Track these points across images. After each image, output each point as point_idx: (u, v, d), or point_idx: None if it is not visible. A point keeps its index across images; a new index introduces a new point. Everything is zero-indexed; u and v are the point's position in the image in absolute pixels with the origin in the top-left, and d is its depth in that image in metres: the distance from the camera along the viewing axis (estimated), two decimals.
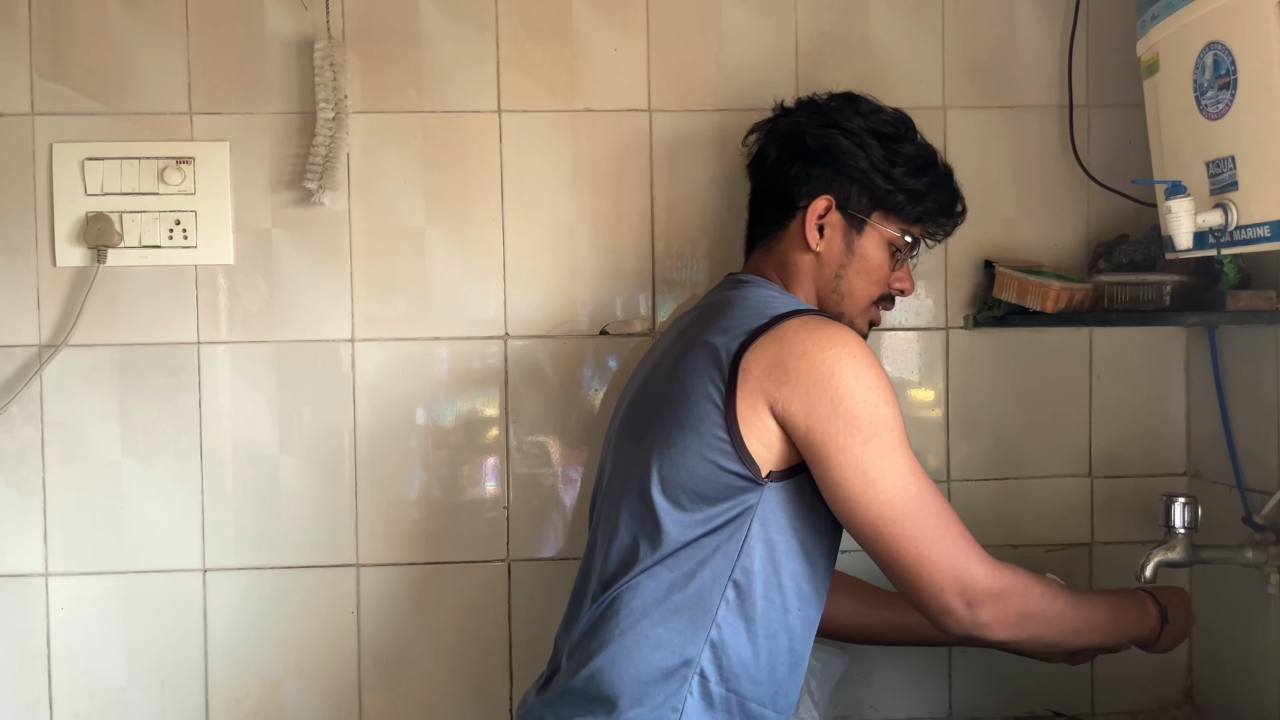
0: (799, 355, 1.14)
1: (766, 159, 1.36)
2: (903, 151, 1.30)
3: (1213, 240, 1.23)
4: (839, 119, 1.31)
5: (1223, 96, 1.18)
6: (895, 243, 1.31)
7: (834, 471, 1.14)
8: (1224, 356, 1.54)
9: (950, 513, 1.16)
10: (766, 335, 1.16)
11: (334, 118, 1.50)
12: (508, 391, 1.57)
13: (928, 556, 1.14)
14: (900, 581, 1.16)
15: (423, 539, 1.57)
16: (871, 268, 1.31)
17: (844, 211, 1.29)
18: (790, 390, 1.13)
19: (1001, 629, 1.17)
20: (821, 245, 1.29)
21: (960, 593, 1.14)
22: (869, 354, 1.17)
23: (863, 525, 1.15)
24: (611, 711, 1.14)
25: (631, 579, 1.17)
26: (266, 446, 1.55)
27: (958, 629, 1.16)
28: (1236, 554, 1.39)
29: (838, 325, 1.19)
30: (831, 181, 1.29)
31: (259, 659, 1.55)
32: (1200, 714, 1.62)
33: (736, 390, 1.15)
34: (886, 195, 1.29)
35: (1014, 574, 1.19)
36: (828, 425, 1.13)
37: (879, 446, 1.13)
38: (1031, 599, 1.19)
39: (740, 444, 1.14)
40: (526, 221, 1.57)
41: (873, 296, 1.32)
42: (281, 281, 1.54)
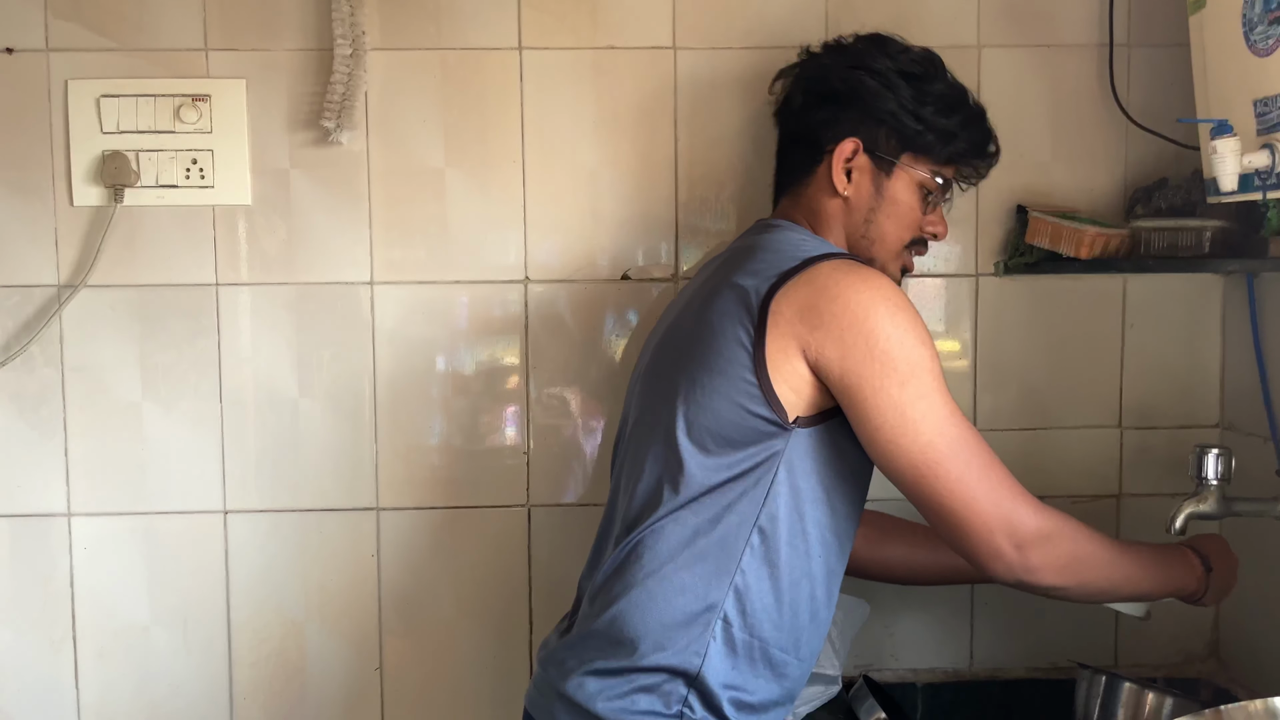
0: (832, 298, 1.12)
1: (793, 104, 1.33)
2: (932, 90, 1.27)
3: (1258, 183, 1.18)
4: (866, 60, 1.27)
5: (1274, 31, 1.13)
6: (926, 184, 1.27)
7: (872, 415, 1.11)
8: (1262, 306, 1.49)
9: (992, 455, 1.14)
10: (798, 278, 1.14)
11: (351, 54, 1.47)
12: (528, 337, 1.55)
13: (974, 499, 1.11)
14: (945, 526, 1.14)
15: (443, 484, 1.57)
16: (902, 211, 1.27)
17: (872, 154, 1.26)
18: (824, 334, 1.11)
19: (1051, 573, 1.14)
20: (849, 189, 1.26)
21: (1009, 535, 1.12)
22: (903, 297, 1.14)
23: (904, 469, 1.12)
24: (633, 654, 1.13)
25: (655, 522, 1.16)
26: (286, 390, 1.54)
27: (1007, 574, 1.14)
28: (1270, 507, 1.36)
29: (870, 269, 1.16)
30: (859, 124, 1.26)
31: (280, 601, 1.56)
32: (1225, 668, 1.61)
33: (766, 333, 1.12)
34: (916, 136, 1.25)
35: (1062, 517, 1.17)
36: (864, 368, 1.11)
37: (917, 388, 1.11)
38: (1081, 542, 1.17)
39: (769, 388, 1.12)
40: (547, 164, 1.54)
41: (904, 240, 1.29)
42: (300, 223, 1.52)
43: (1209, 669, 1.62)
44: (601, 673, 1.15)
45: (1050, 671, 1.60)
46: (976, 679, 1.61)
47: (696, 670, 1.13)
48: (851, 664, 1.59)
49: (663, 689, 1.13)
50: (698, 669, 1.13)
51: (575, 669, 1.17)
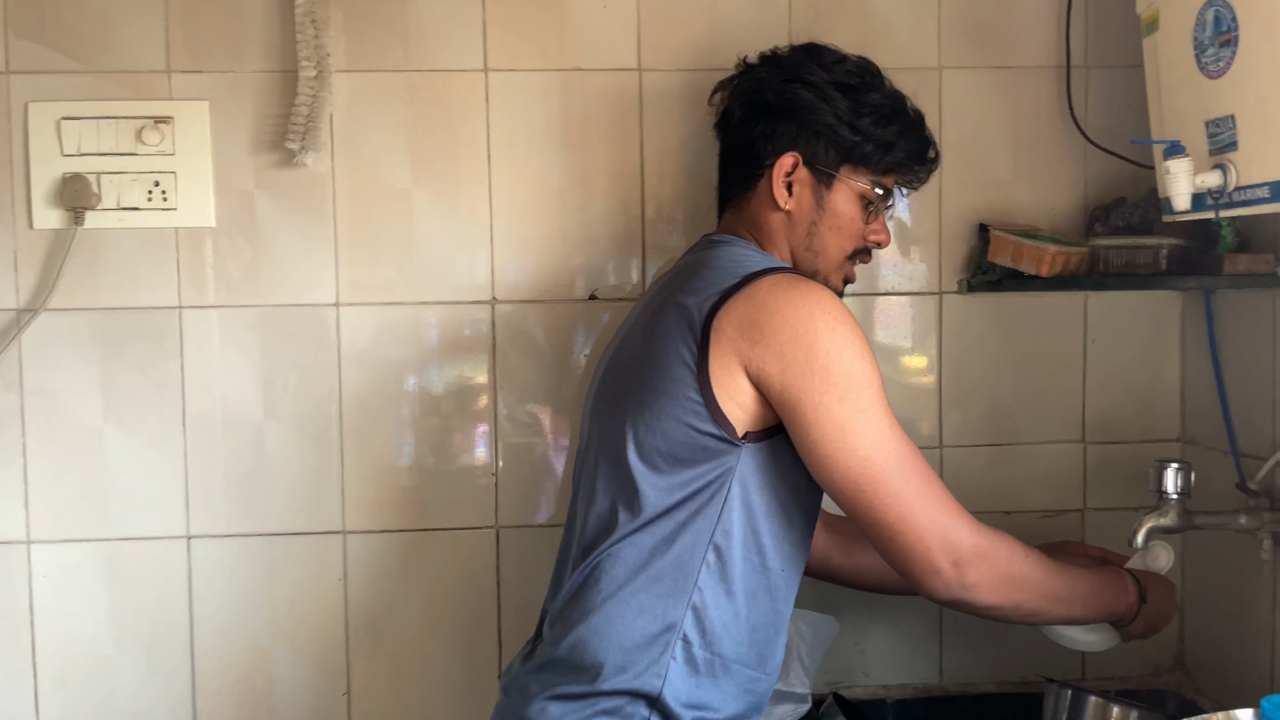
0: (772, 313, 1.12)
1: (732, 118, 1.33)
2: (868, 101, 1.26)
3: (1211, 202, 1.20)
4: (801, 72, 1.27)
5: (1223, 54, 1.16)
6: (866, 195, 1.27)
7: (811, 429, 1.11)
8: (1220, 321, 1.52)
9: (931, 471, 1.14)
10: (739, 294, 1.14)
11: (316, 76, 1.47)
12: (495, 357, 1.55)
13: (912, 514, 1.11)
14: (883, 542, 1.14)
15: (411, 506, 1.56)
16: (843, 222, 1.27)
17: (811, 167, 1.26)
18: (764, 349, 1.11)
19: (988, 591, 1.14)
20: (791, 203, 1.26)
21: (946, 551, 1.12)
22: (844, 310, 1.14)
23: (842, 483, 1.12)
24: (595, 679, 1.13)
25: (611, 546, 1.16)
26: (251, 413, 1.53)
27: (945, 591, 1.13)
28: (1229, 519, 1.38)
29: (811, 283, 1.16)
30: (797, 137, 1.26)
31: (246, 626, 1.54)
32: (1191, 679, 1.62)
33: (709, 351, 1.12)
34: (854, 147, 1.25)
35: (999, 536, 1.17)
36: (803, 382, 1.10)
37: (856, 402, 1.11)
38: (1017, 561, 1.17)
39: (714, 405, 1.12)
40: (514, 184, 1.54)
41: (847, 251, 1.29)
42: (264, 244, 1.51)
43: (1175, 680, 1.63)
44: (564, 697, 1.14)
45: (1019, 686, 1.61)
46: (946, 694, 1.62)
47: (658, 692, 1.13)
48: (822, 681, 1.59)
49: (624, 711, 1.13)
50: (659, 690, 1.13)
51: (538, 694, 1.16)
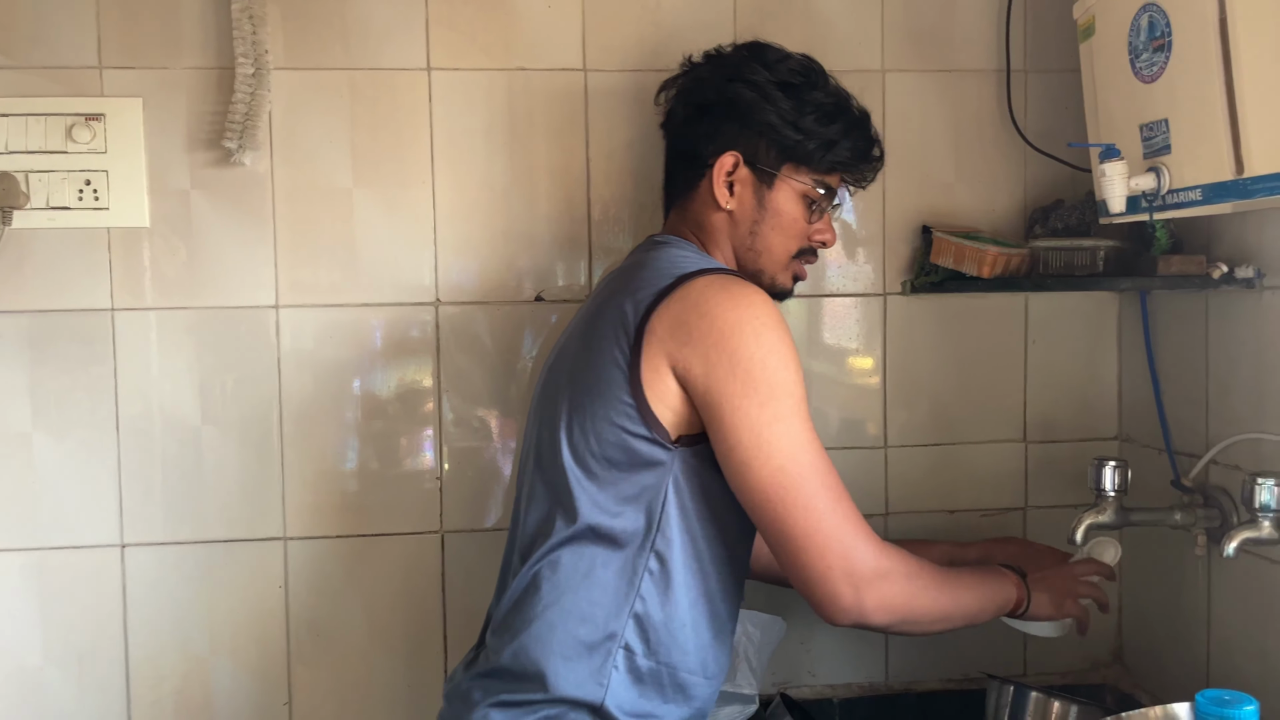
0: (701, 315, 1.11)
1: (675, 117, 1.32)
2: (811, 100, 1.26)
3: (1145, 204, 1.23)
4: (743, 71, 1.26)
5: (1157, 59, 1.18)
6: (809, 194, 1.27)
7: (729, 434, 1.10)
8: (1155, 321, 1.55)
9: (842, 488, 1.12)
10: (672, 295, 1.13)
11: (254, 74, 1.44)
12: (440, 360, 1.53)
13: (817, 530, 1.09)
14: (785, 555, 1.11)
15: (353, 511, 1.53)
16: (786, 222, 1.27)
17: (753, 166, 1.25)
18: (691, 350, 1.10)
19: (884, 613, 1.12)
20: (732, 203, 1.25)
21: (847, 574, 1.09)
22: (774, 315, 1.13)
23: (753, 491, 1.10)
24: (538, 687, 1.12)
25: (550, 552, 1.15)
26: (188, 417, 1.49)
27: (843, 617, 1.11)
28: (1165, 516, 1.41)
29: (744, 284, 1.15)
30: (739, 136, 1.25)
31: (182, 636, 1.51)
32: (1129, 673, 1.65)
33: (641, 352, 1.11)
34: (796, 146, 1.24)
35: (899, 555, 1.15)
36: (725, 386, 1.09)
37: (775, 410, 1.09)
38: (914, 579, 1.15)
39: (646, 408, 1.11)
40: (458, 184, 1.52)
41: (791, 251, 1.29)
42: (201, 245, 1.48)
43: (1113, 675, 1.66)
44: (506, 705, 1.13)
45: (962, 683, 1.63)
46: (892, 692, 1.63)
47: (600, 700, 1.12)
48: (769, 682, 1.60)
49: (567, 718, 1.12)
50: (601, 699, 1.12)
51: (480, 701, 1.15)
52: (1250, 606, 1.37)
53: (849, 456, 1.61)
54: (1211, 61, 1.08)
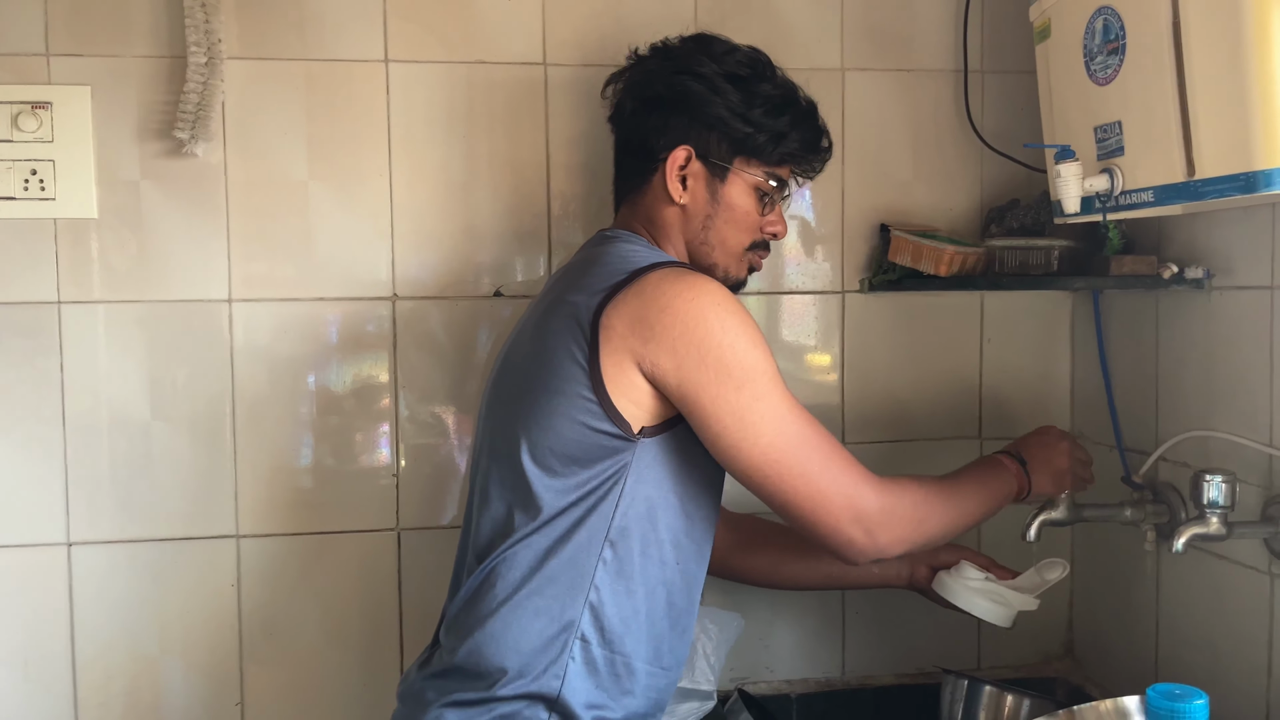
0: (662, 309, 1.11)
1: (624, 111, 1.31)
2: (760, 92, 1.26)
3: (1099, 205, 1.24)
4: (691, 64, 1.26)
5: (1111, 62, 1.19)
6: (761, 187, 1.27)
7: (712, 422, 1.12)
8: (1107, 320, 1.57)
9: (832, 443, 1.16)
10: (627, 291, 1.13)
11: (207, 63, 1.41)
12: (397, 355, 1.52)
13: (819, 491, 1.14)
14: (797, 521, 1.16)
15: (308, 509, 1.51)
16: (739, 215, 1.27)
17: (705, 160, 1.25)
18: (656, 346, 1.11)
19: (900, 544, 1.19)
20: (685, 197, 1.25)
21: (857, 521, 1.15)
22: (732, 300, 1.14)
23: (750, 471, 1.13)
24: (494, 685, 1.11)
25: (507, 550, 1.14)
26: (137, 412, 1.46)
27: (862, 557, 1.17)
28: (1116, 512, 1.43)
29: (698, 275, 1.15)
30: (689, 130, 1.24)
31: (132, 636, 1.48)
32: (1080, 666, 1.68)
33: (600, 349, 1.11)
34: (746, 139, 1.24)
35: (899, 486, 1.20)
36: (699, 376, 1.10)
37: (754, 390, 1.12)
38: (920, 504, 1.21)
39: (608, 403, 1.11)
40: (416, 178, 1.51)
41: (745, 244, 1.29)
42: (152, 237, 1.45)
43: (1065, 668, 1.69)
44: (461, 704, 1.12)
45: (917, 677, 1.64)
46: (848, 687, 1.64)
47: (556, 693, 1.12)
48: (727, 678, 1.60)
49: (523, 714, 1.11)
50: (558, 692, 1.12)
51: (434, 701, 1.14)
52: (1198, 601, 1.39)
53: None
54: (1164, 65, 1.10)
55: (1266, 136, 1.00)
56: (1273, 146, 0.99)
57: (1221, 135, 1.05)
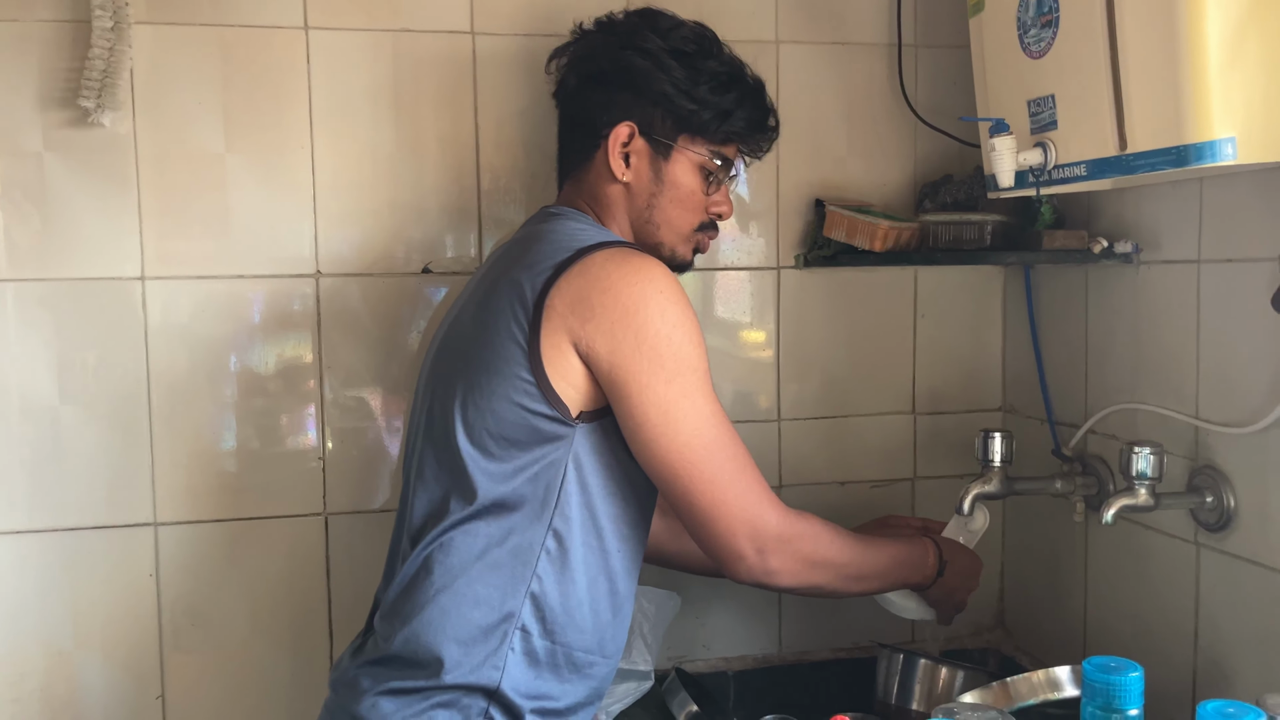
0: (604, 290, 1.09)
1: (568, 86, 1.28)
2: (705, 68, 1.23)
3: (1033, 179, 1.25)
4: (635, 39, 1.23)
5: (1045, 35, 1.19)
6: (706, 166, 1.24)
7: (635, 411, 1.10)
8: (1038, 295, 1.59)
9: (747, 458, 1.14)
10: (572, 269, 1.10)
11: (113, 27, 1.33)
12: (321, 334, 1.46)
13: (724, 500, 1.11)
14: (694, 525, 1.14)
15: (231, 494, 1.46)
16: (684, 194, 1.24)
17: (649, 137, 1.22)
18: (594, 327, 1.08)
19: (788, 576, 1.16)
20: (629, 175, 1.23)
21: (752, 538, 1.13)
22: (677, 289, 1.12)
23: (661, 466, 1.11)
24: (431, 674, 1.08)
25: (442, 534, 1.11)
26: (44, 397, 1.39)
27: (748, 576, 1.14)
28: (1047, 484, 1.45)
29: (645, 258, 1.13)
30: (633, 106, 1.22)
31: (45, 630, 1.41)
32: (1011, 637, 1.70)
33: (541, 328, 1.09)
34: (691, 116, 1.22)
35: (805, 521, 1.18)
36: (631, 363, 1.08)
37: (682, 386, 1.10)
38: (821, 546, 1.18)
39: (546, 384, 1.09)
40: (340, 150, 1.45)
41: (691, 224, 1.26)
42: (57, 212, 1.38)
43: (996, 639, 1.71)
44: (397, 693, 1.09)
45: (853, 652, 1.65)
46: (785, 663, 1.64)
47: (496, 684, 1.09)
48: (664, 657, 1.59)
49: (461, 703, 1.09)
50: (497, 683, 1.09)
51: (369, 690, 1.11)
52: (1127, 571, 1.42)
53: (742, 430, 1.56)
54: (1098, 38, 1.10)
55: (1198, 110, 1.00)
56: (1204, 120, 1.00)
57: (1153, 109, 1.05)
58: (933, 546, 1.33)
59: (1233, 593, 1.23)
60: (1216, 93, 1.00)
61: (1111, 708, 0.98)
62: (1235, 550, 1.22)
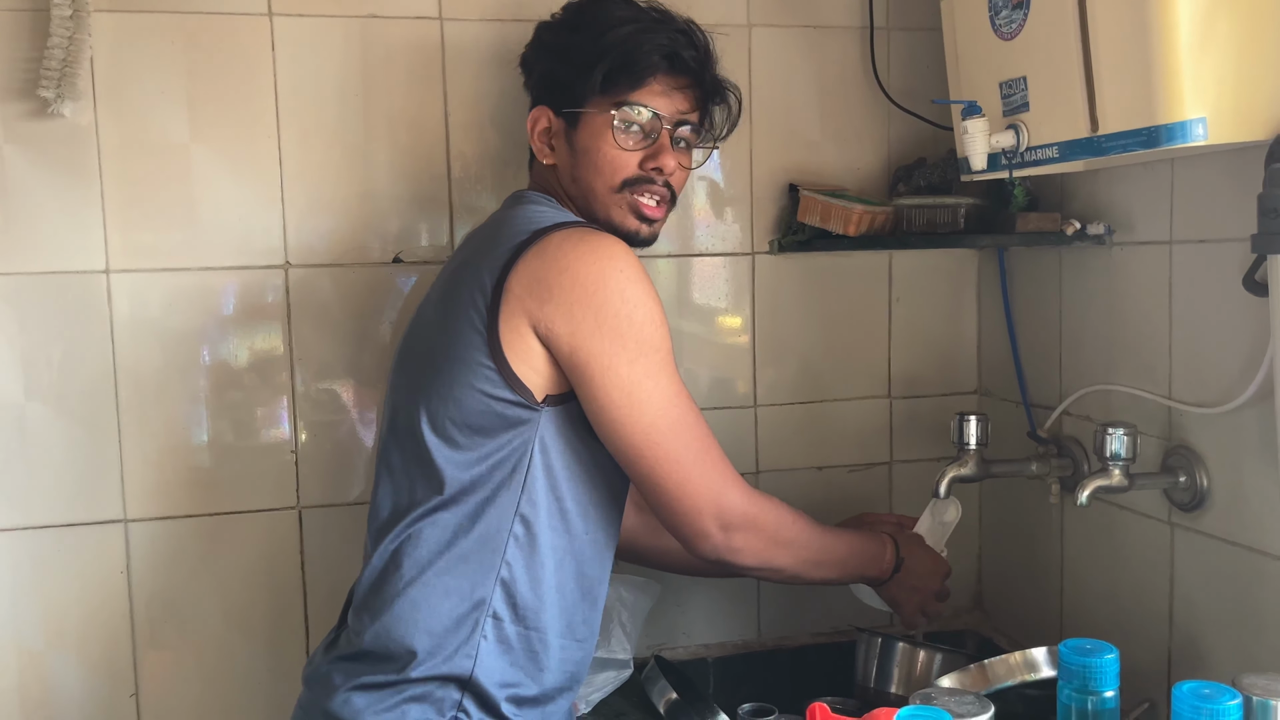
0: (561, 270, 1.07)
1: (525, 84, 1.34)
2: (586, 22, 1.21)
3: (1005, 162, 1.24)
4: (541, 32, 1.27)
5: (1016, 16, 1.19)
6: (615, 119, 1.19)
7: (598, 393, 1.09)
8: (1012, 278, 1.59)
9: (711, 438, 1.15)
10: (529, 252, 1.09)
11: (72, 15, 1.30)
12: (291, 326, 1.45)
13: (688, 479, 1.12)
14: (659, 504, 1.14)
15: (202, 488, 1.44)
16: (595, 156, 1.20)
17: (562, 115, 1.23)
18: (553, 308, 1.07)
19: (750, 555, 1.17)
20: (551, 157, 1.25)
21: (716, 516, 1.13)
22: (636, 267, 1.10)
23: (626, 446, 1.11)
24: (404, 667, 1.08)
25: (410, 526, 1.11)
26: (9, 393, 1.37)
27: (712, 553, 1.15)
28: (1022, 467, 1.45)
29: (603, 236, 1.12)
30: (542, 92, 1.26)
31: (14, 630, 1.39)
32: (989, 618, 1.71)
33: (500, 313, 1.08)
34: (586, 77, 1.18)
35: (768, 502, 1.19)
36: (592, 344, 1.07)
37: (646, 366, 1.09)
38: (783, 528, 1.20)
39: (508, 370, 1.08)
40: (307, 139, 1.43)
41: (613, 185, 1.20)
42: (17, 205, 1.35)
43: (974, 620, 1.72)
44: (369, 687, 1.08)
45: (832, 636, 1.65)
46: (765, 649, 1.65)
47: (469, 674, 1.09)
48: (644, 645, 1.59)
49: (434, 696, 1.08)
50: (470, 672, 1.09)
51: (341, 685, 1.10)
52: (1101, 552, 1.43)
53: (720, 416, 1.60)
54: (1068, 19, 1.10)
55: (1168, 91, 1.00)
56: (1175, 101, 1.00)
57: (1124, 90, 1.05)
58: (891, 543, 1.33)
59: (1207, 572, 1.24)
60: (1187, 73, 0.99)
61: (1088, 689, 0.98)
62: (1209, 530, 1.23)
